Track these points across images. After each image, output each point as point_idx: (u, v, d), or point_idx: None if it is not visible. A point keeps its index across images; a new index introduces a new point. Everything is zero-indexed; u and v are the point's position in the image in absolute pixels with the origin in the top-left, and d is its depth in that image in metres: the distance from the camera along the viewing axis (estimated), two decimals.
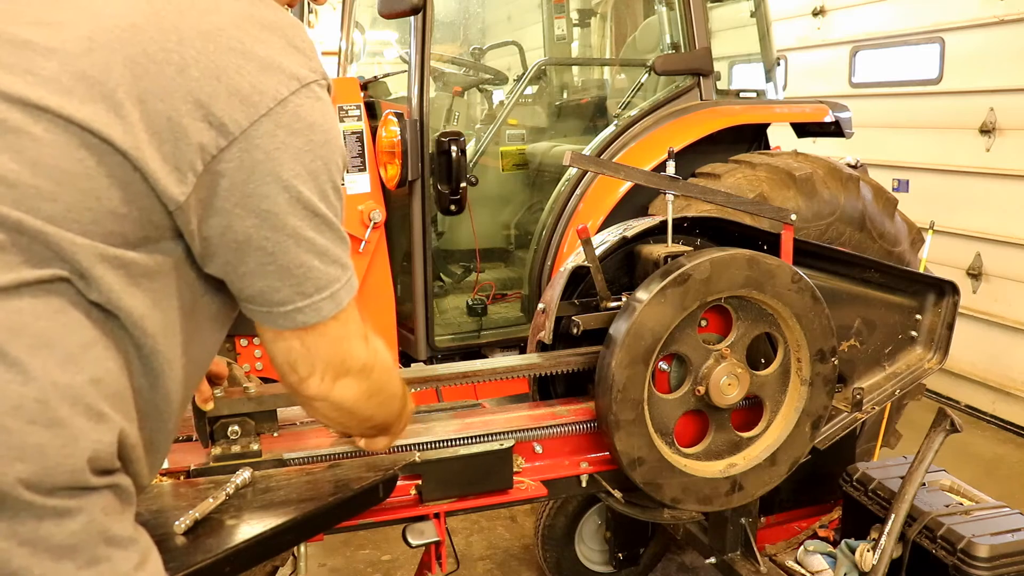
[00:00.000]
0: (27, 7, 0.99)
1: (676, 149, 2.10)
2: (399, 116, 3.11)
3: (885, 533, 2.17)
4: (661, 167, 2.67)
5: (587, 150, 3.56)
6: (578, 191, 3.41)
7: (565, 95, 4.53)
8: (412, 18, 3.10)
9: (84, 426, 0.94)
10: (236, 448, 1.65)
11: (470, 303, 3.54)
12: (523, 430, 1.88)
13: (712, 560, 2.35)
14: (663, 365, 1.95)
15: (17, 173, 0.92)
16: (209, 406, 1.62)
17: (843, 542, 2.34)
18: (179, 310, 1.06)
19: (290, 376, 1.18)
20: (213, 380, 1.67)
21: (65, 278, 0.95)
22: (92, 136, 0.94)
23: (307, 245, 1.06)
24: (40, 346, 0.92)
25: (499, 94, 4.44)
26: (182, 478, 1.58)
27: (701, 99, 3.59)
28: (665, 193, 2.01)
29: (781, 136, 3.95)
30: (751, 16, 4.08)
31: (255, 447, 1.66)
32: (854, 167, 3.51)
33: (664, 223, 2.00)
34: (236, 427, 1.66)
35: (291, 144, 1.01)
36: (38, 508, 0.91)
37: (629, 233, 2.08)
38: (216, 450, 1.65)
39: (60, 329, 0.94)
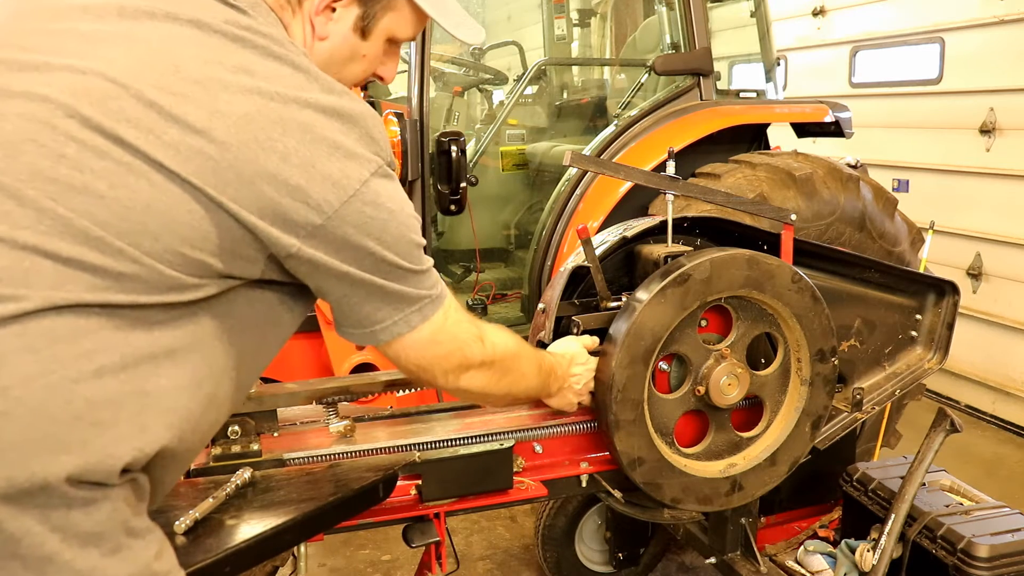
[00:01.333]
0: (157, 70, 1.10)
1: (676, 149, 2.09)
2: (399, 116, 3.11)
3: (885, 533, 2.17)
4: (661, 167, 2.67)
5: (587, 150, 3.56)
6: (578, 191, 3.41)
7: (565, 95, 4.53)
8: None
9: (127, 433, 1.03)
10: (236, 448, 1.65)
11: (470, 303, 3.54)
12: (523, 430, 1.88)
13: (712, 560, 2.35)
14: (663, 365, 1.95)
15: (129, 210, 1.05)
16: None
17: (843, 542, 2.34)
18: (243, 339, 1.21)
19: (424, 378, 1.43)
20: None
21: (139, 304, 1.06)
22: (202, 194, 1.08)
23: (396, 282, 1.27)
24: (99, 352, 1.02)
25: (499, 94, 4.45)
26: (182, 478, 1.58)
27: (701, 99, 3.59)
28: (665, 193, 2.01)
29: (781, 136, 3.95)
30: (751, 16, 4.08)
31: (255, 447, 1.66)
32: (854, 167, 3.51)
33: (664, 223, 2.00)
34: (236, 427, 1.67)
35: (377, 216, 1.19)
36: (70, 497, 0.99)
37: (629, 233, 2.07)
38: (216, 450, 1.65)
39: (120, 342, 1.04)
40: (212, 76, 1.11)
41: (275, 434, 1.75)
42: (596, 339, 1.88)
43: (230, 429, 1.66)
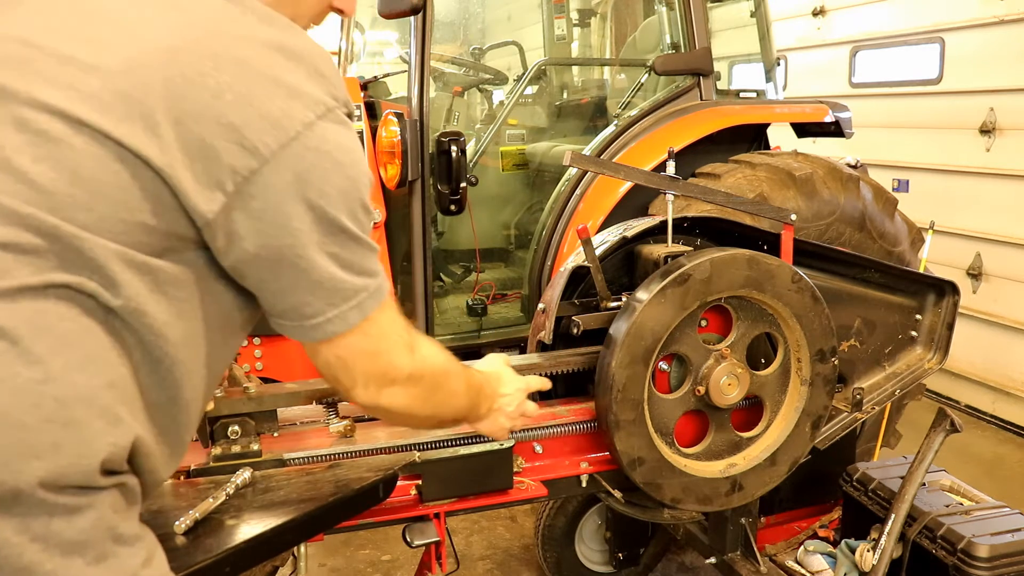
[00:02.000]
0: (70, 23, 1.03)
1: (676, 149, 2.09)
2: (399, 116, 3.11)
3: (885, 533, 2.17)
4: (661, 167, 2.67)
5: (587, 150, 3.56)
6: (578, 191, 3.41)
7: (565, 95, 4.53)
8: (412, 18, 3.10)
9: (101, 428, 0.97)
10: (236, 448, 1.65)
11: (470, 303, 3.54)
12: (523, 430, 1.88)
13: (712, 560, 2.35)
14: (663, 365, 1.95)
15: (55, 181, 0.96)
16: (209, 406, 1.62)
17: (843, 542, 2.34)
18: (202, 321, 1.10)
19: (337, 386, 1.25)
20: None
21: (91, 288, 0.98)
22: (128, 152, 0.98)
23: (335, 260, 1.10)
24: (62, 347, 0.95)
25: (499, 94, 4.45)
26: (182, 478, 1.58)
27: (701, 99, 3.59)
28: (665, 193, 2.01)
29: (781, 136, 3.95)
30: (751, 16, 4.08)
31: (255, 447, 1.66)
32: (854, 167, 3.51)
33: (664, 223, 2.00)
34: (236, 427, 1.66)
35: (319, 165, 1.06)
36: (50, 505, 0.93)
37: (629, 233, 2.08)
38: (216, 450, 1.65)
39: (82, 332, 0.97)
40: (134, 15, 1.03)
41: (275, 434, 1.75)
42: (547, 382, 1.81)
43: (230, 429, 1.66)
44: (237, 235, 1.05)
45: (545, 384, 1.80)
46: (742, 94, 4.08)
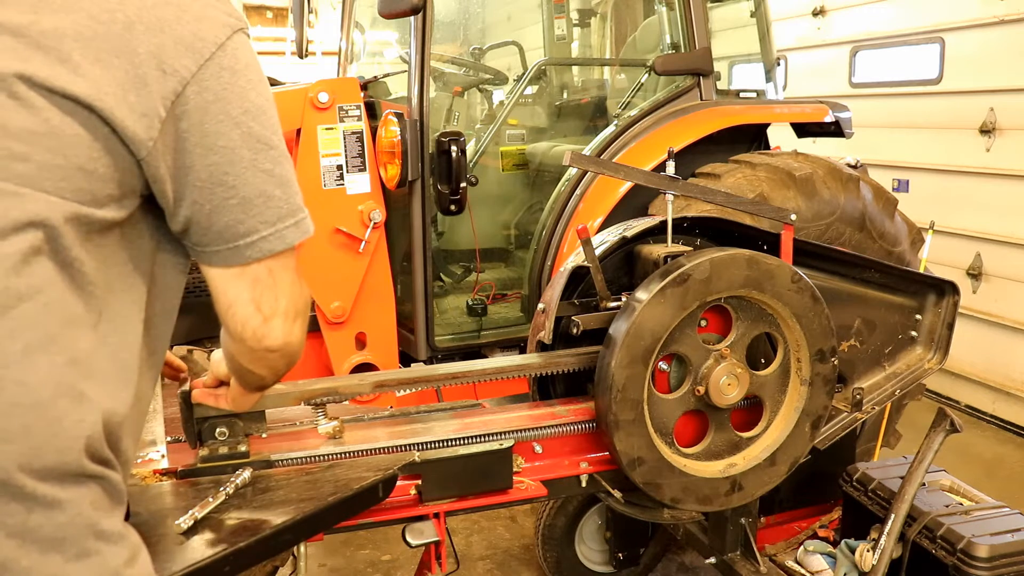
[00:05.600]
0: None
1: (676, 149, 2.09)
2: (399, 116, 3.11)
3: (885, 533, 2.17)
4: (661, 167, 2.67)
5: (587, 150, 3.56)
6: (578, 191, 3.41)
7: (565, 95, 4.53)
8: (412, 18, 3.10)
9: (68, 407, 0.96)
10: (224, 449, 1.64)
11: (470, 303, 3.54)
12: (523, 430, 1.88)
13: (712, 560, 2.35)
14: (663, 365, 1.95)
15: None
16: (206, 409, 1.61)
17: (843, 542, 2.35)
18: (133, 269, 1.10)
19: (253, 320, 1.17)
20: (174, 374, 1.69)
21: (41, 246, 0.96)
22: (56, 95, 0.98)
23: (265, 176, 1.12)
24: (21, 329, 0.94)
25: (499, 94, 4.44)
26: (178, 479, 1.58)
27: (701, 99, 3.59)
28: (665, 193, 2.01)
29: (781, 136, 3.95)
30: (751, 16, 4.08)
31: (243, 448, 1.65)
32: (854, 167, 3.51)
33: (664, 223, 2.00)
34: (224, 428, 1.64)
35: (236, 83, 1.09)
36: (27, 497, 0.92)
37: (629, 233, 2.08)
38: (204, 451, 1.64)
39: (41, 309, 0.96)
40: None
41: (263, 435, 1.74)
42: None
43: (218, 430, 1.63)
44: (174, 160, 1.07)
45: None
46: (742, 94, 4.07)
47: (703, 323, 1.94)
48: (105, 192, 1.03)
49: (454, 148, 3.13)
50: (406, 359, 3.37)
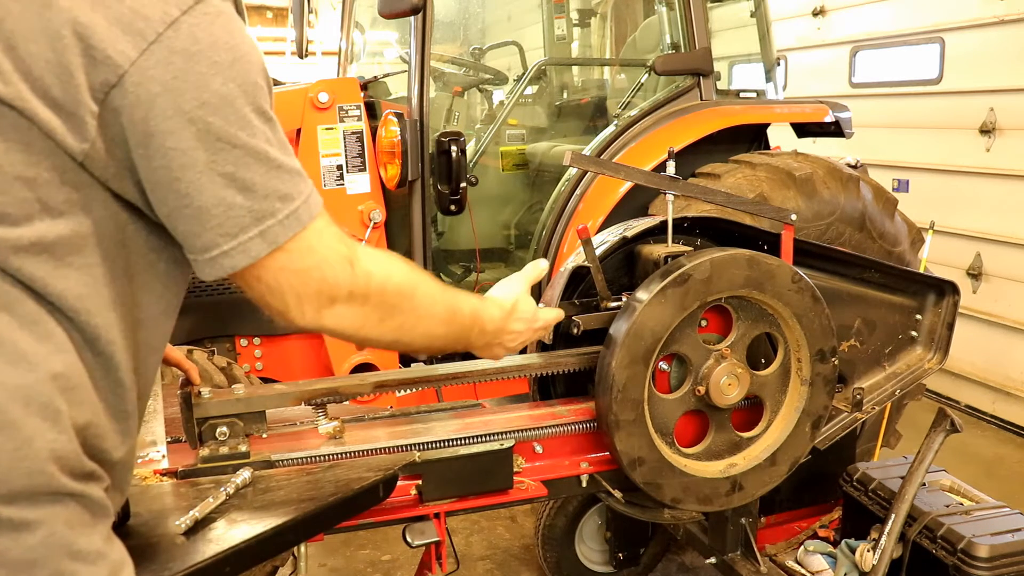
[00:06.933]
0: None
1: (676, 149, 2.09)
2: (399, 116, 3.11)
3: (885, 533, 2.17)
4: (661, 167, 2.67)
5: (587, 150, 3.56)
6: (578, 191, 3.41)
7: (565, 95, 4.53)
8: (412, 18, 3.10)
9: (39, 426, 0.88)
10: (224, 449, 1.64)
11: None
12: (523, 430, 1.88)
13: (712, 560, 2.35)
14: (663, 365, 1.95)
15: None
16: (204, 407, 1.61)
17: (843, 542, 2.35)
18: (113, 280, 0.97)
19: (271, 312, 1.08)
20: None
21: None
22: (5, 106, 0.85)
23: (225, 181, 0.94)
24: None
25: (499, 94, 4.44)
26: (177, 479, 1.58)
27: (701, 99, 3.59)
28: (665, 193, 2.01)
29: (781, 136, 3.95)
30: (751, 16, 4.08)
31: (243, 448, 1.65)
32: (854, 167, 3.51)
33: (664, 223, 2.00)
34: (224, 428, 1.64)
35: (192, 70, 0.90)
36: None
37: (629, 233, 2.07)
38: (204, 451, 1.63)
39: (6, 327, 0.88)
40: None
41: (264, 435, 1.74)
42: (561, 312, 1.78)
43: (218, 430, 1.64)
44: (118, 163, 0.92)
45: (560, 315, 1.71)
46: (742, 94, 4.08)
47: (703, 323, 1.94)
48: (60, 198, 0.90)
49: (454, 148, 3.13)
50: (406, 359, 3.37)
